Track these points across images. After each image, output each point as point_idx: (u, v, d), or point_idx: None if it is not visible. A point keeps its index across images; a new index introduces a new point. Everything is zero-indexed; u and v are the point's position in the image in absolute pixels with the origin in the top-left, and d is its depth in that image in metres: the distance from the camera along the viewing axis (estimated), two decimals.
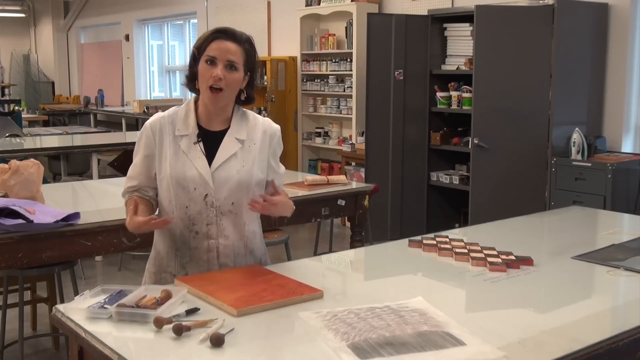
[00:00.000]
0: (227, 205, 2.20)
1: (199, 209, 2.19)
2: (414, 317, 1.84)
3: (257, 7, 8.49)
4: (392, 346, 1.65)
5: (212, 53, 2.14)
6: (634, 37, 5.08)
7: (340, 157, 7.04)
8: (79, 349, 1.83)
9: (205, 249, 2.22)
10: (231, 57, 2.14)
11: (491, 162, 5.20)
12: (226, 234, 2.22)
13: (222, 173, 2.19)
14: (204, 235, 2.21)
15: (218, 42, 2.15)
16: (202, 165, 2.18)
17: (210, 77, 2.13)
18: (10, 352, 3.63)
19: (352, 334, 1.72)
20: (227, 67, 2.13)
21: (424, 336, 1.71)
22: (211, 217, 2.20)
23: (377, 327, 1.76)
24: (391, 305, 1.93)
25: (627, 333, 1.79)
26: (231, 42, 2.15)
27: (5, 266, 2.89)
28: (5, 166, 3.16)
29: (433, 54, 5.92)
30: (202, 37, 2.19)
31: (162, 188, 2.22)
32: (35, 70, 13.97)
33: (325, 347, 1.66)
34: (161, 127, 2.22)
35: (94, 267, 5.47)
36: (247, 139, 2.24)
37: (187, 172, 2.17)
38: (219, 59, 2.13)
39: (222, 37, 2.16)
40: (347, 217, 4.50)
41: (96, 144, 6.47)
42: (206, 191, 2.18)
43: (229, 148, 2.21)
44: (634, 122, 5.20)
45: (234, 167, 2.20)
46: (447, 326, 1.78)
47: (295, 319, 1.85)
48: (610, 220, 3.38)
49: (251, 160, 2.23)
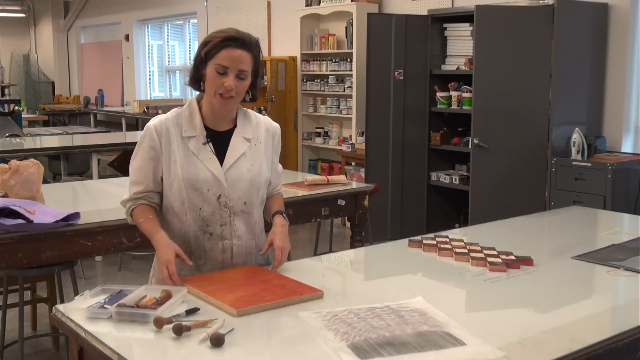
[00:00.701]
0: (239, 205, 2.21)
1: (213, 210, 2.19)
2: (414, 317, 1.84)
3: (257, 7, 8.49)
4: (392, 346, 1.65)
5: (224, 63, 2.10)
6: (634, 37, 5.08)
7: (340, 157, 7.04)
8: (79, 349, 1.83)
9: (220, 249, 2.22)
10: (242, 67, 2.11)
11: (491, 162, 5.20)
12: (239, 235, 2.23)
13: (234, 173, 2.19)
14: (218, 237, 2.21)
15: (229, 50, 2.10)
16: (215, 166, 2.17)
17: (220, 86, 2.11)
18: (10, 352, 3.63)
19: (352, 334, 1.72)
20: (237, 76, 2.11)
21: (424, 336, 1.71)
22: (225, 218, 2.20)
23: (377, 327, 1.76)
24: (391, 305, 1.93)
25: (627, 333, 1.79)
26: (242, 50, 2.11)
27: (5, 266, 2.89)
28: (5, 166, 3.16)
29: (433, 54, 5.92)
30: (212, 42, 2.12)
31: (172, 191, 2.19)
32: (35, 70, 13.97)
33: (325, 347, 1.66)
34: (167, 129, 2.19)
35: (94, 267, 5.47)
36: (253, 138, 2.25)
37: (200, 173, 2.16)
38: (231, 69, 2.10)
39: (234, 45, 2.11)
40: (347, 217, 4.50)
41: (96, 144, 6.46)
42: (220, 191, 2.18)
43: (238, 147, 2.21)
44: (634, 122, 5.20)
45: (245, 166, 2.21)
46: (447, 326, 1.78)
47: (295, 319, 1.84)
48: (610, 220, 3.38)
49: (259, 159, 2.24)
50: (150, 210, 2.21)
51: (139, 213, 2.20)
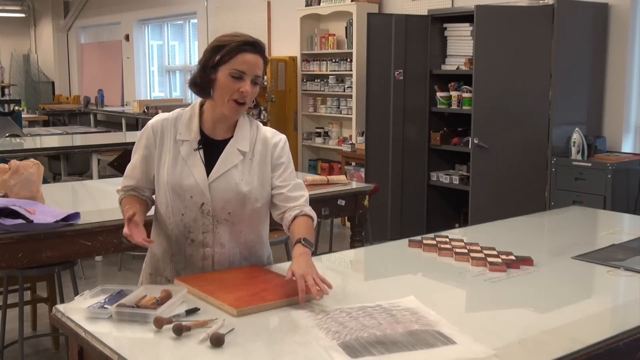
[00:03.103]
0: (223, 214, 2.16)
1: (195, 217, 2.15)
2: (405, 316, 1.85)
3: (257, 7, 8.49)
4: (383, 345, 1.65)
5: (242, 68, 2.05)
6: (634, 37, 5.08)
7: (340, 157, 7.04)
8: (79, 349, 1.83)
9: (200, 256, 2.19)
10: (258, 72, 2.08)
11: (491, 162, 5.20)
12: (222, 242, 2.18)
13: (220, 184, 2.13)
14: (200, 243, 2.18)
15: (246, 55, 2.05)
16: (200, 174, 2.13)
17: (236, 92, 2.05)
18: (10, 352, 3.63)
19: (344, 333, 1.72)
20: (253, 82, 2.08)
21: (415, 335, 1.72)
22: (207, 225, 2.16)
23: (368, 326, 1.77)
24: (383, 304, 1.93)
25: (627, 333, 1.79)
26: (258, 55, 2.08)
27: (5, 266, 2.89)
28: (5, 166, 3.16)
29: (433, 54, 5.92)
30: (228, 46, 2.06)
31: (159, 193, 2.20)
32: (35, 70, 13.97)
33: (317, 347, 1.66)
34: (163, 129, 2.18)
35: (94, 267, 5.47)
36: (249, 151, 2.18)
37: (185, 180, 2.13)
38: (248, 74, 2.06)
39: (250, 49, 2.06)
40: (347, 217, 4.50)
41: (96, 144, 6.47)
42: (202, 200, 2.14)
43: (229, 159, 2.15)
44: (634, 122, 5.20)
45: (233, 179, 2.14)
46: (438, 325, 1.78)
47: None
48: (610, 220, 3.38)
49: (251, 174, 2.17)
50: (137, 200, 2.20)
51: (125, 201, 2.21)
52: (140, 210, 2.15)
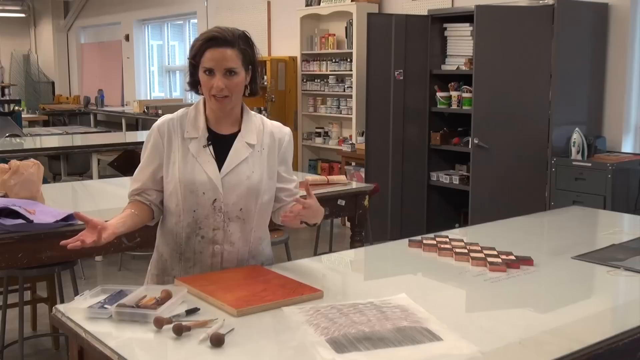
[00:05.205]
0: (235, 211, 2.18)
1: (207, 213, 2.17)
2: (395, 313, 1.85)
3: (257, 7, 8.48)
4: (370, 341, 1.67)
5: (208, 64, 2.09)
6: (634, 37, 5.08)
7: (340, 157, 7.04)
8: (79, 349, 1.83)
9: (210, 253, 2.20)
10: (228, 65, 2.09)
11: (491, 162, 5.20)
12: (232, 240, 2.20)
13: (232, 178, 2.16)
14: (210, 240, 2.19)
15: (211, 51, 2.09)
16: (212, 170, 2.15)
17: (212, 88, 2.10)
18: (10, 352, 3.63)
19: (332, 329, 1.73)
20: (226, 74, 2.09)
21: (403, 332, 1.73)
22: (218, 222, 2.18)
23: (357, 322, 1.78)
24: (374, 301, 1.94)
25: (627, 333, 1.79)
26: (225, 48, 2.09)
27: (5, 266, 2.89)
28: (5, 166, 3.16)
29: (433, 54, 5.92)
30: (195, 46, 2.12)
31: (168, 191, 2.20)
32: (35, 70, 13.96)
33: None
34: (169, 130, 2.19)
35: (94, 267, 5.47)
36: (257, 144, 2.21)
37: (197, 176, 2.15)
38: (216, 69, 2.09)
39: (214, 44, 2.09)
40: (347, 217, 4.50)
41: (96, 144, 6.47)
42: (215, 196, 2.16)
43: (239, 153, 2.18)
44: (634, 122, 5.20)
45: (244, 173, 2.17)
46: (426, 322, 1.79)
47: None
48: (610, 220, 3.38)
49: (261, 166, 2.20)
50: (136, 207, 2.20)
51: (127, 208, 2.21)
52: (127, 217, 2.15)
